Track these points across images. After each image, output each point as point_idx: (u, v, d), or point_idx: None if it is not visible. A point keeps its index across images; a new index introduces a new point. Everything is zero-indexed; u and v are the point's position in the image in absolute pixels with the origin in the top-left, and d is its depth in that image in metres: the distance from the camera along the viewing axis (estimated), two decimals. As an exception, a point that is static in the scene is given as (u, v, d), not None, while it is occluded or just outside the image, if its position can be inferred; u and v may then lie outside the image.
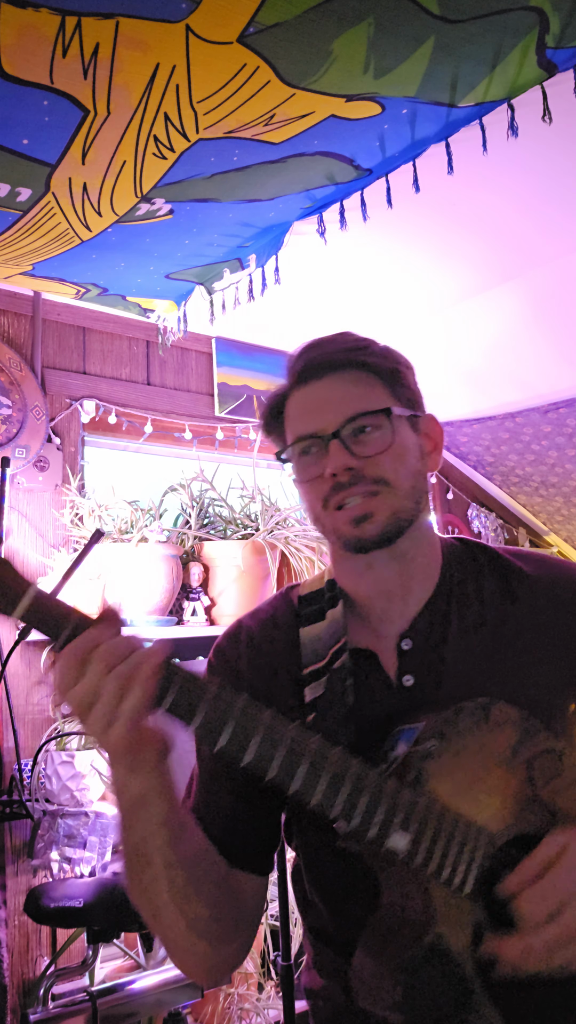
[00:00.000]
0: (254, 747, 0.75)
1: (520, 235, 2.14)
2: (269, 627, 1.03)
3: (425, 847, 0.78)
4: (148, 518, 2.43)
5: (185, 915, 0.85)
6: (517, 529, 3.67)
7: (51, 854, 1.96)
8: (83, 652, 0.73)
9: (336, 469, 0.91)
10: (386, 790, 0.77)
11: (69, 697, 0.74)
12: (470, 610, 0.97)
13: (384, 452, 0.93)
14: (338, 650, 0.95)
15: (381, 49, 1.25)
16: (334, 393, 0.95)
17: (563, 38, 1.27)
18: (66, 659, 0.74)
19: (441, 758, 0.81)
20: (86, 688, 0.73)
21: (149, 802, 0.79)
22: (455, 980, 0.78)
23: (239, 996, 2.30)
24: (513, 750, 0.84)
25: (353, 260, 2.24)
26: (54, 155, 1.48)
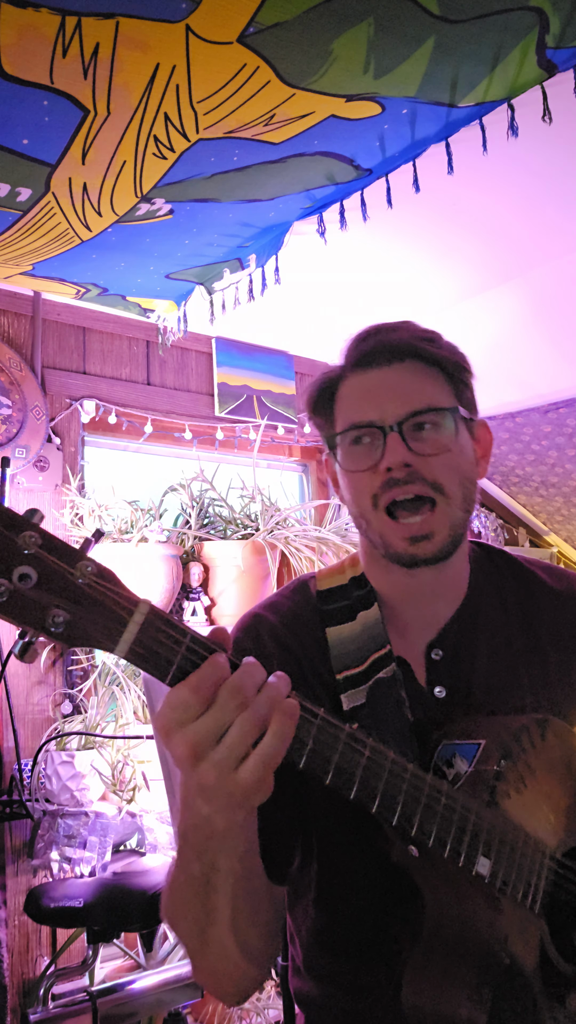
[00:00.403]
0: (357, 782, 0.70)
1: (520, 235, 2.14)
2: (292, 625, 0.96)
3: (504, 869, 0.76)
4: (148, 518, 2.43)
5: (240, 942, 0.80)
6: (517, 529, 3.67)
7: (51, 854, 1.96)
8: (209, 688, 0.63)
9: (393, 463, 0.85)
10: (469, 816, 0.75)
11: (186, 732, 0.63)
12: (495, 619, 0.96)
13: (444, 454, 0.88)
14: (381, 657, 0.91)
15: (381, 49, 1.25)
16: (398, 383, 0.89)
17: (563, 38, 1.27)
18: (186, 693, 0.63)
19: (511, 778, 0.79)
20: (210, 725, 0.63)
21: (233, 834, 0.71)
22: (528, 998, 0.77)
23: (239, 996, 2.30)
24: (567, 765, 0.84)
25: (353, 260, 2.24)
26: (54, 155, 1.48)
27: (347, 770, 0.70)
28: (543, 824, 0.81)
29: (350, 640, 0.93)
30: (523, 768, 0.81)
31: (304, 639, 0.95)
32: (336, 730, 0.69)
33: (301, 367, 3.10)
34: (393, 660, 0.91)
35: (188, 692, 0.63)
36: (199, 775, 0.64)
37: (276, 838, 0.88)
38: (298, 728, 0.67)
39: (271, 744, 0.64)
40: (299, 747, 0.68)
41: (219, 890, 0.75)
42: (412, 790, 0.72)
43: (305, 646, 0.95)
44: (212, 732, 0.63)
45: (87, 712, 2.24)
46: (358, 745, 0.70)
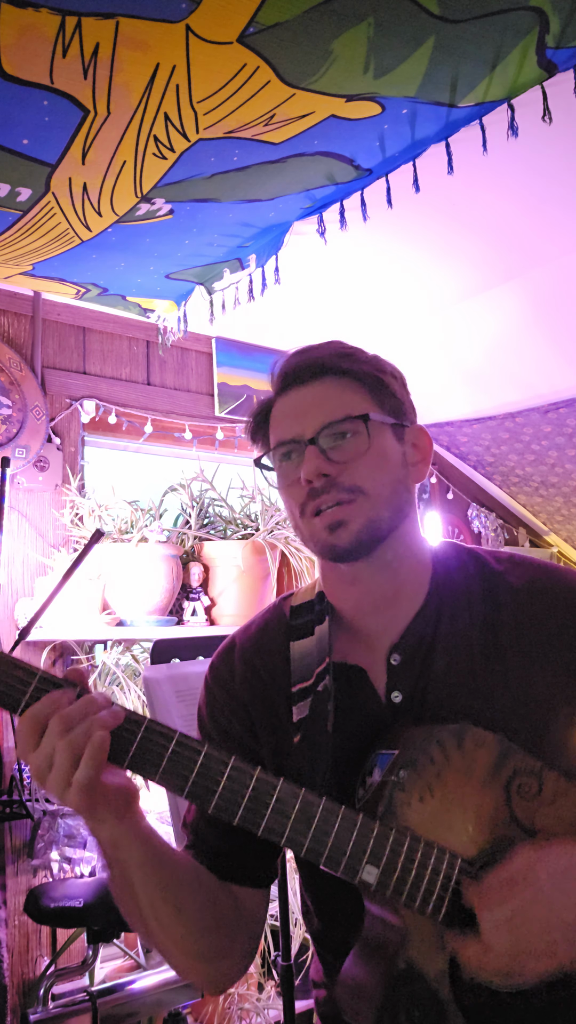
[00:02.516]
0: (215, 798, 0.77)
1: (520, 235, 2.14)
2: (261, 642, 1.02)
3: (396, 878, 0.79)
4: (148, 518, 2.43)
5: (174, 940, 0.88)
6: (517, 529, 3.67)
7: (51, 854, 1.97)
8: (40, 718, 0.74)
9: (310, 475, 0.89)
10: (354, 827, 0.79)
11: (31, 759, 0.75)
12: (458, 622, 0.95)
13: (360, 459, 0.91)
14: (323, 670, 0.94)
15: (381, 49, 1.25)
16: (314, 399, 0.93)
17: (563, 38, 1.27)
18: (23, 724, 0.75)
19: (412, 787, 0.81)
20: (41, 755, 0.74)
21: (120, 847, 0.80)
22: (429, 1003, 0.78)
23: (239, 996, 2.30)
24: (489, 774, 0.83)
25: (353, 260, 2.24)
26: (54, 155, 1.48)
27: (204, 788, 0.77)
28: (458, 834, 0.81)
29: (306, 654, 0.97)
30: (430, 777, 0.82)
31: (270, 657, 1.00)
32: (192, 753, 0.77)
33: (301, 367, 3.09)
34: (328, 674, 0.93)
35: (25, 723, 0.74)
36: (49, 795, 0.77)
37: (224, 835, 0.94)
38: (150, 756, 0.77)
39: (82, 771, 0.73)
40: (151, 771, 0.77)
41: (136, 895, 0.84)
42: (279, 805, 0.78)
43: (270, 663, 1.00)
44: (44, 758, 0.74)
45: (87, 712, 2.23)
46: (217, 764, 0.78)
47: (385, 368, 0.98)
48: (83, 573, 2.21)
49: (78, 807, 0.75)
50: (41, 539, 2.37)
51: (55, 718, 0.74)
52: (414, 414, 1.01)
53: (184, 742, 0.78)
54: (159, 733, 0.77)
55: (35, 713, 0.74)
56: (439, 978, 0.79)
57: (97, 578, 2.29)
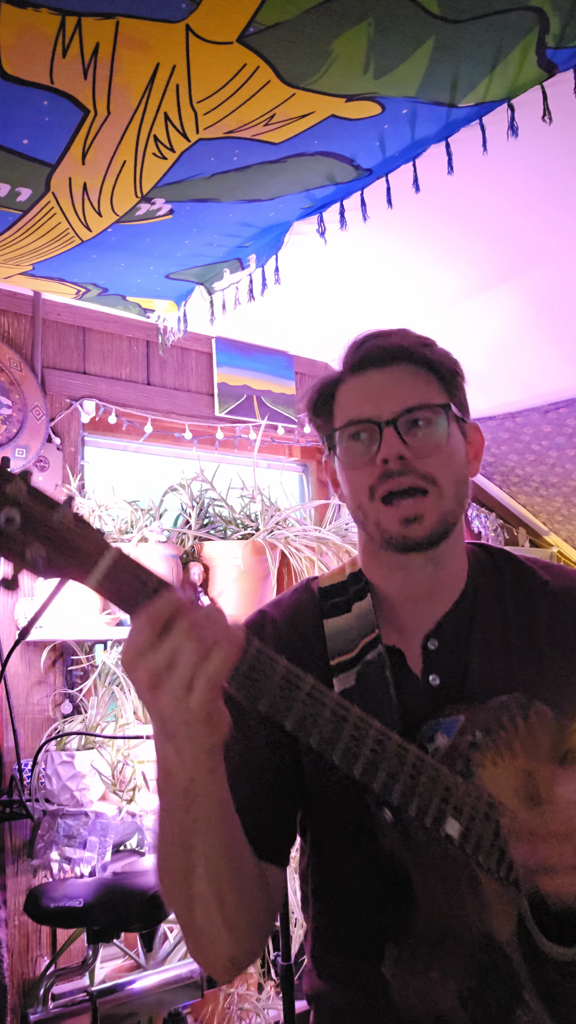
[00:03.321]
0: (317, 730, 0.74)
1: (520, 235, 2.14)
2: (293, 616, 1.02)
3: (476, 836, 0.78)
4: (148, 518, 2.43)
5: (221, 903, 0.82)
6: (517, 529, 3.67)
7: (51, 854, 1.96)
8: (165, 614, 0.69)
9: (389, 456, 0.90)
10: (441, 777, 0.78)
11: (145, 660, 0.68)
12: (493, 617, 0.98)
13: (437, 449, 0.93)
14: (371, 642, 0.95)
15: (381, 49, 1.25)
16: (393, 383, 0.94)
17: (563, 38, 1.27)
18: (146, 619, 0.69)
19: (487, 750, 0.82)
20: (163, 652, 0.68)
21: (200, 786, 0.75)
22: (508, 971, 0.79)
23: (239, 996, 2.30)
24: (549, 747, 0.85)
25: (353, 260, 2.24)
26: (54, 155, 1.48)
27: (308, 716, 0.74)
28: (521, 800, 0.82)
29: (345, 630, 0.98)
30: (501, 743, 0.83)
31: (303, 631, 1.00)
32: (298, 678, 0.74)
33: (301, 367, 3.10)
34: (381, 643, 0.94)
35: (144, 621, 0.69)
36: (158, 705, 0.69)
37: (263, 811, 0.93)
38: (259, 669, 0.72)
39: (213, 665, 0.68)
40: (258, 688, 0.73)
41: (195, 848, 0.79)
42: (376, 744, 0.75)
43: (304, 638, 1.00)
44: (165, 658, 0.68)
45: (87, 712, 2.24)
46: (320, 695, 0.74)
47: (458, 364, 1.00)
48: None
49: (201, 710, 0.68)
50: (41, 539, 2.36)
51: (180, 616, 0.69)
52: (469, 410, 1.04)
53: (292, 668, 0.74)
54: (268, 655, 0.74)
55: (158, 609, 0.69)
56: (512, 943, 0.79)
57: (97, 578, 2.28)
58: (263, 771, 0.95)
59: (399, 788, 0.76)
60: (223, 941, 0.85)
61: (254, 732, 0.94)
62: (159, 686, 0.68)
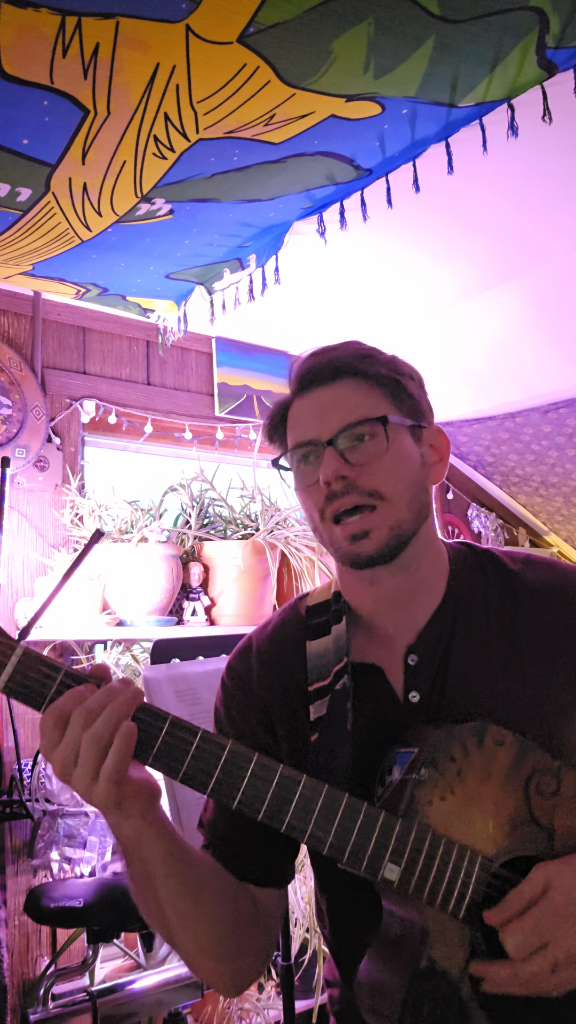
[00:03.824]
0: (239, 794, 0.78)
1: (520, 235, 2.14)
2: (277, 642, 1.02)
3: (417, 875, 0.79)
4: (148, 518, 2.43)
5: (195, 938, 0.87)
6: (517, 529, 3.67)
7: (51, 854, 1.96)
8: (63, 712, 0.74)
9: (328, 477, 0.89)
10: (376, 824, 0.79)
11: (55, 755, 0.74)
12: (475, 623, 0.95)
13: (378, 461, 0.91)
14: (341, 669, 0.94)
15: (381, 49, 1.25)
16: (332, 400, 0.93)
17: (563, 38, 1.27)
18: (47, 720, 0.75)
19: (433, 785, 0.81)
20: (65, 749, 0.74)
21: (144, 843, 0.80)
22: (451, 1001, 0.79)
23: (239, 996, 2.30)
24: (508, 772, 0.84)
25: (353, 260, 2.24)
26: (54, 155, 1.48)
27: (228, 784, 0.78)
28: (478, 832, 0.82)
29: (323, 653, 0.97)
30: (451, 776, 0.82)
31: (286, 655, 1.00)
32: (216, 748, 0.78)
33: (301, 367, 3.09)
34: (347, 673, 0.94)
35: (48, 718, 0.74)
36: (76, 792, 0.75)
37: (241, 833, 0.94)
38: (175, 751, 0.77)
39: (110, 762, 0.73)
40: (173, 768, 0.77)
41: (157, 892, 0.84)
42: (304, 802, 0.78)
43: (287, 661, 1.00)
44: (69, 753, 0.74)
45: (87, 712, 2.23)
46: (242, 760, 0.78)
47: (403, 369, 0.98)
48: (83, 573, 2.21)
49: (106, 800, 0.74)
50: (41, 539, 2.37)
51: (77, 711, 0.74)
52: (431, 414, 1.00)
53: (208, 738, 0.78)
54: (184, 729, 0.78)
55: (58, 707, 0.74)
56: (460, 976, 0.79)
57: (97, 578, 2.29)
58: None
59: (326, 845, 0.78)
60: (215, 968, 0.92)
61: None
62: (70, 779, 0.74)
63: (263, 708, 0.99)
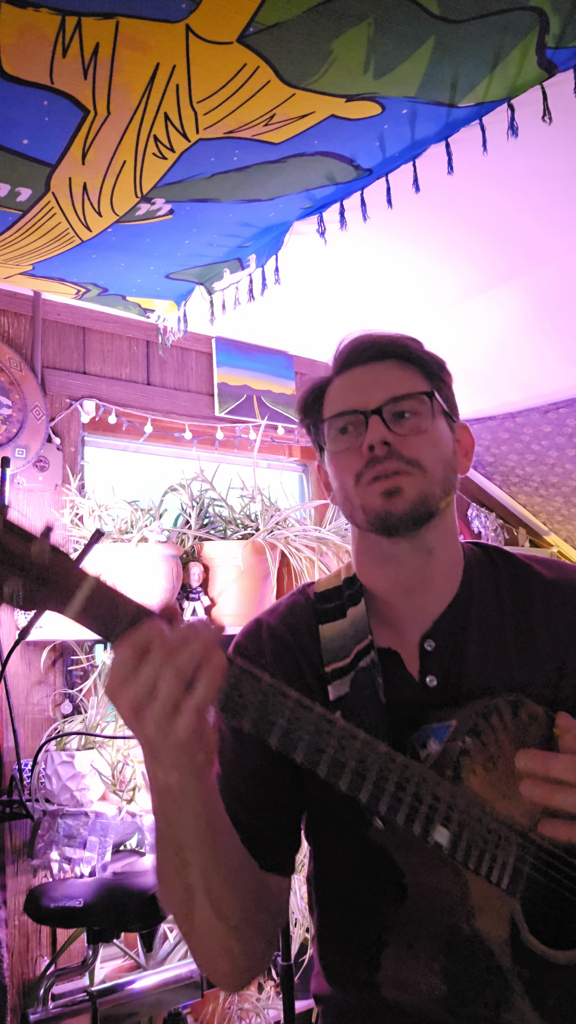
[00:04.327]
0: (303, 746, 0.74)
1: (520, 235, 2.14)
2: (289, 623, 1.03)
3: (466, 842, 0.78)
4: (148, 518, 2.43)
5: (221, 916, 0.83)
6: (517, 529, 3.67)
7: (51, 854, 1.96)
8: (143, 642, 0.69)
9: (374, 441, 0.92)
10: (428, 785, 0.78)
11: (127, 689, 0.68)
12: (490, 615, 0.98)
13: (421, 434, 0.95)
14: (363, 648, 0.95)
15: (381, 49, 1.25)
16: (378, 375, 0.97)
17: (563, 38, 1.27)
18: (125, 649, 0.69)
19: (476, 754, 0.82)
20: (142, 682, 0.68)
21: (191, 803, 0.75)
22: (493, 973, 0.79)
23: (239, 996, 2.30)
24: (540, 746, 0.85)
25: (353, 260, 2.24)
26: (54, 155, 1.48)
27: (293, 733, 0.73)
28: (517, 803, 0.82)
29: (339, 635, 0.99)
30: (492, 746, 0.83)
31: (300, 635, 1.01)
32: (282, 695, 0.73)
33: (301, 367, 3.10)
34: (373, 650, 0.95)
35: (125, 650, 0.69)
36: (143, 732, 0.70)
37: (263, 820, 0.94)
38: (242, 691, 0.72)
39: (198, 693, 0.68)
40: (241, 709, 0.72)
41: (190, 862, 0.79)
42: (362, 756, 0.75)
43: (300, 642, 1.00)
44: (147, 687, 0.68)
45: (87, 712, 2.24)
46: (302, 711, 0.74)
47: (444, 363, 1.03)
48: (83, 573, 2.21)
49: (182, 741, 0.68)
50: (41, 539, 2.36)
51: (158, 644, 0.68)
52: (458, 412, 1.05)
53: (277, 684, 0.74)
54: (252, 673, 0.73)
55: (136, 639, 0.69)
56: (502, 947, 0.79)
57: (97, 578, 2.28)
58: (263, 782, 0.96)
59: (386, 800, 0.75)
60: (226, 948, 0.86)
61: (253, 743, 0.94)
62: (142, 714, 0.69)
63: None
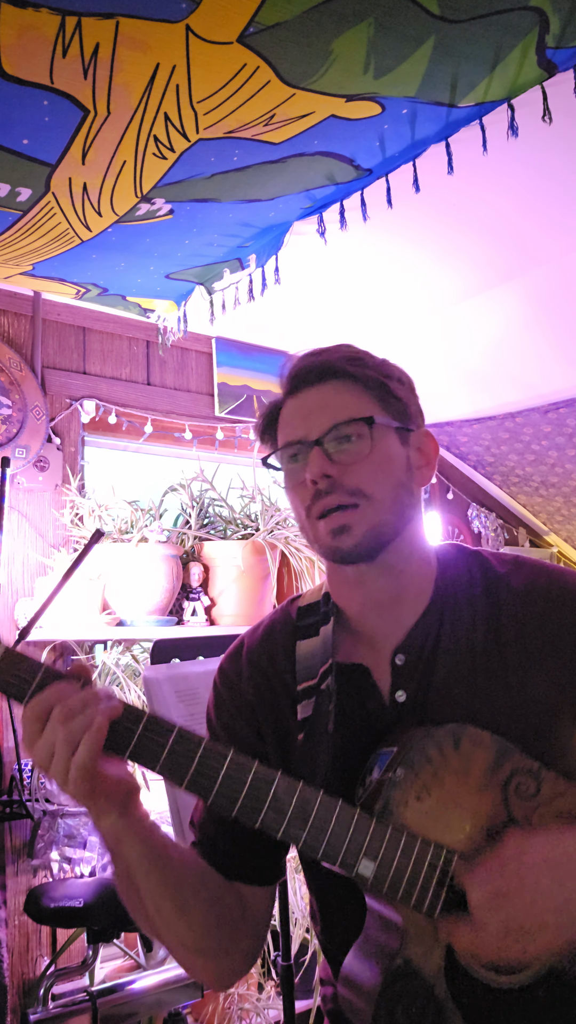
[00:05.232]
0: (214, 790, 0.79)
1: (520, 235, 2.14)
2: (267, 643, 1.03)
3: (392, 873, 0.79)
4: (148, 518, 2.43)
5: (176, 935, 0.90)
6: (517, 529, 3.67)
7: (51, 854, 1.96)
8: (43, 707, 0.77)
9: (314, 475, 0.90)
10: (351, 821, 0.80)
11: (32, 752, 0.77)
12: (461, 625, 0.96)
13: (362, 461, 0.92)
14: (327, 670, 0.95)
15: (381, 49, 1.25)
16: (321, 401, 0.94)
17: (563, 38, 1.27)
18: (27, 713, 0.77)
19: (409, 785, 0.82)
20: (44, 742, 0.76)
21: (123, 840, 0.83)
22: (426, 1001, 0.79)
23: (239, 996, 2.30)
24: (486, 774, 0.84)
25: (353, 260, 2.24)
26: (54, 155, 1.48)
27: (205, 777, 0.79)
28: (455, 832, 0.82)
29: (311, 654, 0.99)
30: (427, 777, 0.83)
31: (276, 656, 1.02)
32: (192, 745, 0.79)
33: (301, 367, 3.09)
34: (331, 675, 0.95)
35: (29, 711, 0.77)
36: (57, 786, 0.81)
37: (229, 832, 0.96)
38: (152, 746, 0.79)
39: (80, 753, 0.75)
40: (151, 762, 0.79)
41: (139, 889, 0.87)
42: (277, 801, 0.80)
43: (276, 662, 1.01)
44: (47, 746, 0.76)
45: (87, 712, 2.23)
46: (216, 758, 0.80)
47: (392, 373, 0.99)
48: (83, 573, 2.21)
49: (79, 794, 0.77)
50: (41, 539, 2.37)
51: (58, 707, 0.76)
52: (421, 418, 1.01)
53: (184, 735, 0.80)
54: (159, 726, 0.80)
55: (39, 702, 0.77)
56: (436, 975, 0.80)
57: (97, 578, 2.29)
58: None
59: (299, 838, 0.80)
60: (199, 964, 0.94)
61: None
62: (47, 771, 0.77)
63: (251, 710, 1.00)
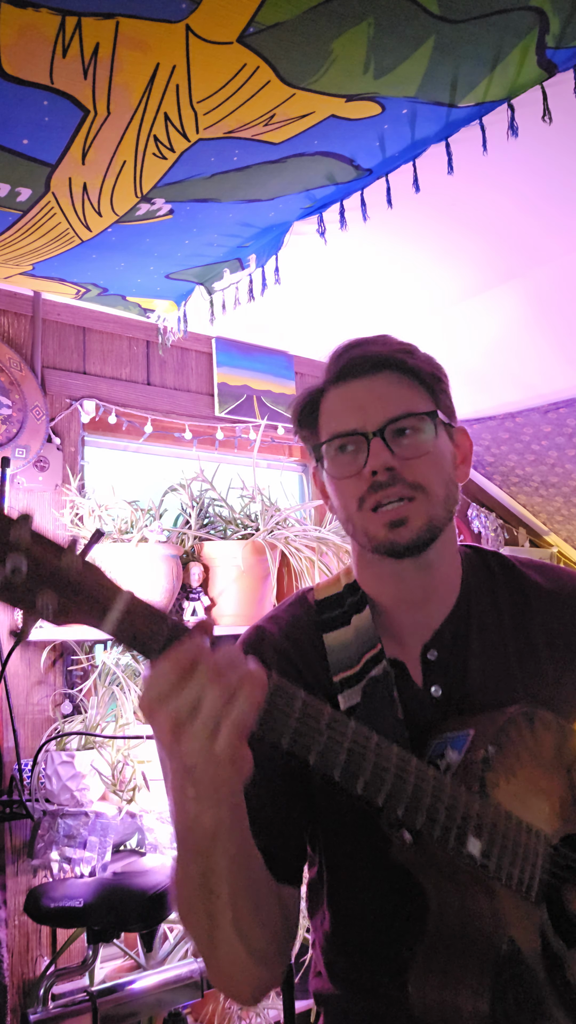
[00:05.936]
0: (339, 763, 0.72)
1: (520, 235, 2.14)
2: (292, 632, 1.01)
3: (496, 853, 0.78)
4: (148, 518, 2.43)
5: (247, 943, 0.81)
6: (517, 529, 3.67)
7: (51, 854, 1.96)
8: (188, 659, 0.66)
9: (377, 467, 0.90)
10: (461, 799, 0.77)
11: (168, 705, 0.66)
12: (488, 621, 0.97)
13: (424, 456, 0.92)
14: (374, 657, 0.94)
15: (381, 49, 1.25)
16: (377, 392, 0.94)
17: (563, 38, 1.27)
18: (169, 664, 0.66)
19: (499, 766, 0.82)
20: (186, 698, 0.66)
21: (220, 837, 0.73)
22: (531, 985, 0.78)
23: (239, 996, 2.30)
24: (554, 756, 0.85)
25: (353, 260, 2.24)
26: (54, 155, 1.48)
27: (330, 750, 0.72)
28: (536, 813, 0.82)
29: (345, 644, 0.97)
30: (512, 758, 0.82)
31: (303, 647, 0.99)
32: (318, 712, 0.71)
33: (301, 367, 3.10)
34: (385, 659, 0.94)
35: (167, 665, 0.66)
36: (181, 753, 0.66)
37: (280, 836, 0.91)
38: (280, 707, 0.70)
39: (239, 710, 0.66)
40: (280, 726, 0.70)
41: (218, 893, 0.76)
42: (399, 771, 0.74)
43: (304, 653, 0.98)
44: (189, 704, 0.65)
45: (87, 712, 2.24)
46: (339, 726, 0.72)
47: (441, 368, 1.00)
48: (83, 573, 2.21)
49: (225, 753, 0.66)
50: (41, 539, 2.36)
51: (205, 662, 0.66)
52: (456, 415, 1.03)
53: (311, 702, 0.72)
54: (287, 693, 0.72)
55: (181, 655, 0.66)
56: (535, 957, 0.79)
57: (97, 578, 2.28)
58: (277, 796, 0.94)
59: (422, 814, 0.75)
60: (251, 974, 0.84)
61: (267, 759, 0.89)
62: (182, 731, 0.66)
63: None
